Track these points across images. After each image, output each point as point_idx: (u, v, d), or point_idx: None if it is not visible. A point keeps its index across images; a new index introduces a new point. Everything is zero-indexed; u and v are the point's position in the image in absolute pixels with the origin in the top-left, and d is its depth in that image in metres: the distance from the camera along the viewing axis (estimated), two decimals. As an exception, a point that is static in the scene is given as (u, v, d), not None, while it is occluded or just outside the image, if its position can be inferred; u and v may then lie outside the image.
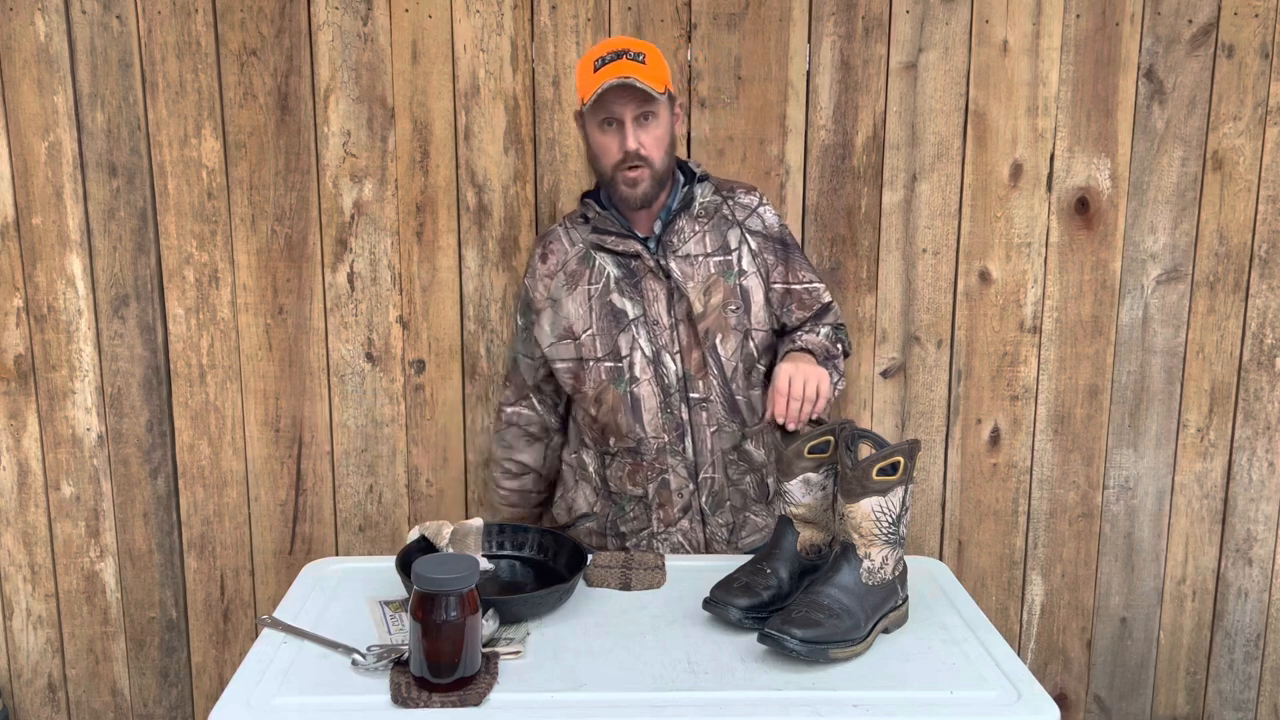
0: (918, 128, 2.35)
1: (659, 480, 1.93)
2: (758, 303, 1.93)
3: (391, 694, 1.37)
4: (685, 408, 1.91)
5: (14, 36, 2.27)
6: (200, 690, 2.55)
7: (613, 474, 1.98)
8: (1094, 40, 2.32)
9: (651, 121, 1.85)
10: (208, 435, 2.43)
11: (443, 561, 1.40)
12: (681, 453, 1.92)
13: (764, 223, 1.98)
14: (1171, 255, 2.41)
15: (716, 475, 1.94)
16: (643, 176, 1.86)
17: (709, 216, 1.94)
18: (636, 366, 1.91)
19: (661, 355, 1.91)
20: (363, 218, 2.36)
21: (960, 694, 1.40)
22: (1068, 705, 2.58)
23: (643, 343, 1.91)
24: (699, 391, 1.91)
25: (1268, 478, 2.49)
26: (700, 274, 1.91)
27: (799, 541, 1.63)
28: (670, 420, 1.91)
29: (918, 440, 1.56)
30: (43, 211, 2.34)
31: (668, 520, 1.95)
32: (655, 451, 1.92)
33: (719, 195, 1.97)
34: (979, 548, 2.52)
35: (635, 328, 1.91)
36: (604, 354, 1.92)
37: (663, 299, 1.90)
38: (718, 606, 1.56)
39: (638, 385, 1.91)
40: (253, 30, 2.28)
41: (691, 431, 1.92)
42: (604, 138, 1.87)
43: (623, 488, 1.97)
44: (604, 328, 1.92)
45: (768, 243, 1.97)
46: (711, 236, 1.93)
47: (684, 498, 1.94)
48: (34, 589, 2.50)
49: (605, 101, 1.82)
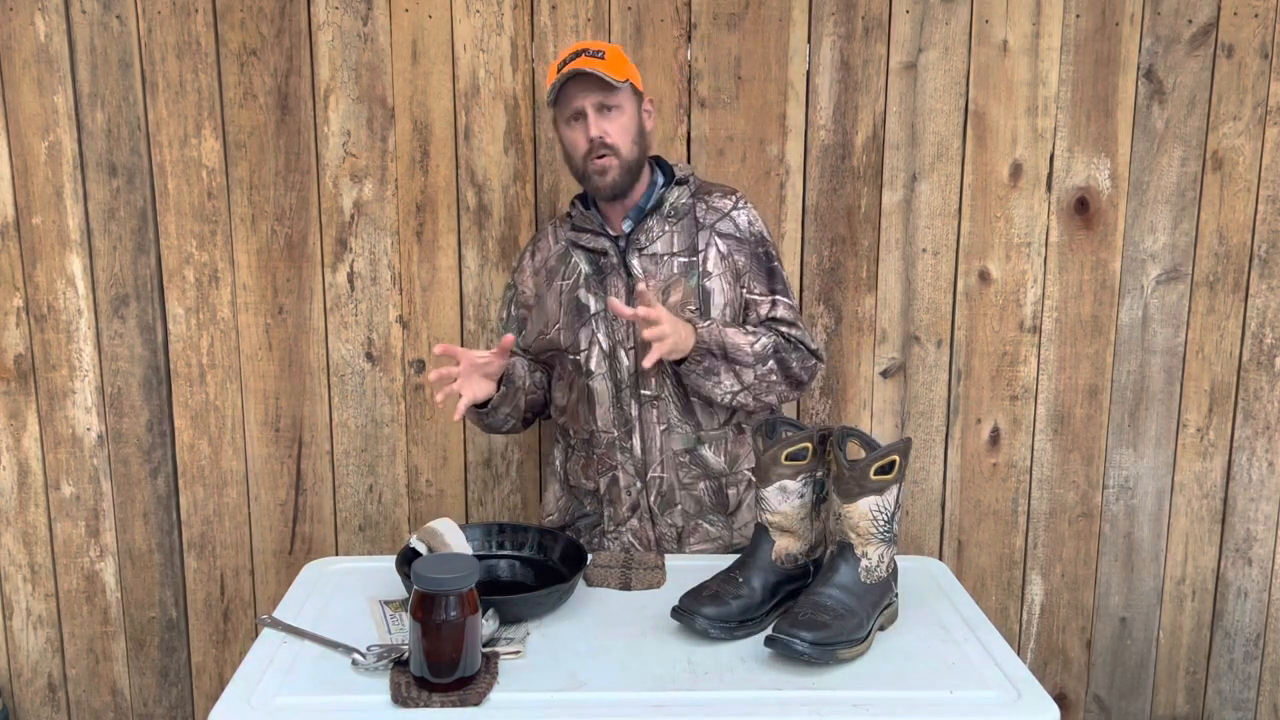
0: (917, 128, 2.35)
1: (609, 476, 1.96)
2: (719, 305, 1.93)
3: (391, 694, 1.37)
4: (635, 404, 1.93)
5: (14, 36, 2.27)
6: (200, 690, 2.55)
7: (571, 466, 2.02)
8: (1094, 40, 2.32)
9: (615, 112, 1.89)
10: (208, 435, 2.43)
11: (443, 561, 1.40)
12: (630, 450, 1.94)
13: (736, 225, 1.96)
14: (1171, 255, 2.41)
15: (666, 475, 1.94)
16: (610, 164, 1.89)
17: (679, 217, 1.96)
18: (593, 360, 1.94)
19: (617, 350, 1.93)
20: (363, 218, 2.36)
21: (960, 694, 1.40)
22: (1068, 705, 2.58)
23: (600, 337, 1.94)
24: (650, 389, 1.92)
25: (1267, 477, 2.49)
26: (662, 273, 1.93)
27: (774, 551, 1.59)
28: (620, 415, 1.93)
29: (909, 439, 1.56)
30: (43, 211, 2.34)
31: (617, 519, 1.97)
32: (605, 445, 1.95)
33: (695, 198, 1.98)
34: (979, 547, 2.52)
35: (595, 322, 1.95)
36: (568, 347, 1.97)
37: (623, 295, 1.93)
38: (685, 615, 1.53)
39: (593, 379, 1.94)
40: (253, 30, 2.28)
41: (640, 429, 1.93)
42: (571, 132, 1.91)
43: (579, 481, 2.01)
44: (568, 322, 1.96)
45: (740, 246, 1.96)
46: (680, 237, 1.95)
47: (632, 496, 1.95)
48: (34, 589, 2.50)
49: (568, 95, 1.88)
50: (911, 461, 2.47)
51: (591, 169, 1.90)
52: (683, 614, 1.54)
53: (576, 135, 1.91)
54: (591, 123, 1.87)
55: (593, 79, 1.85)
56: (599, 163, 1.89)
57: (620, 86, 1.87)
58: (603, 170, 1.89)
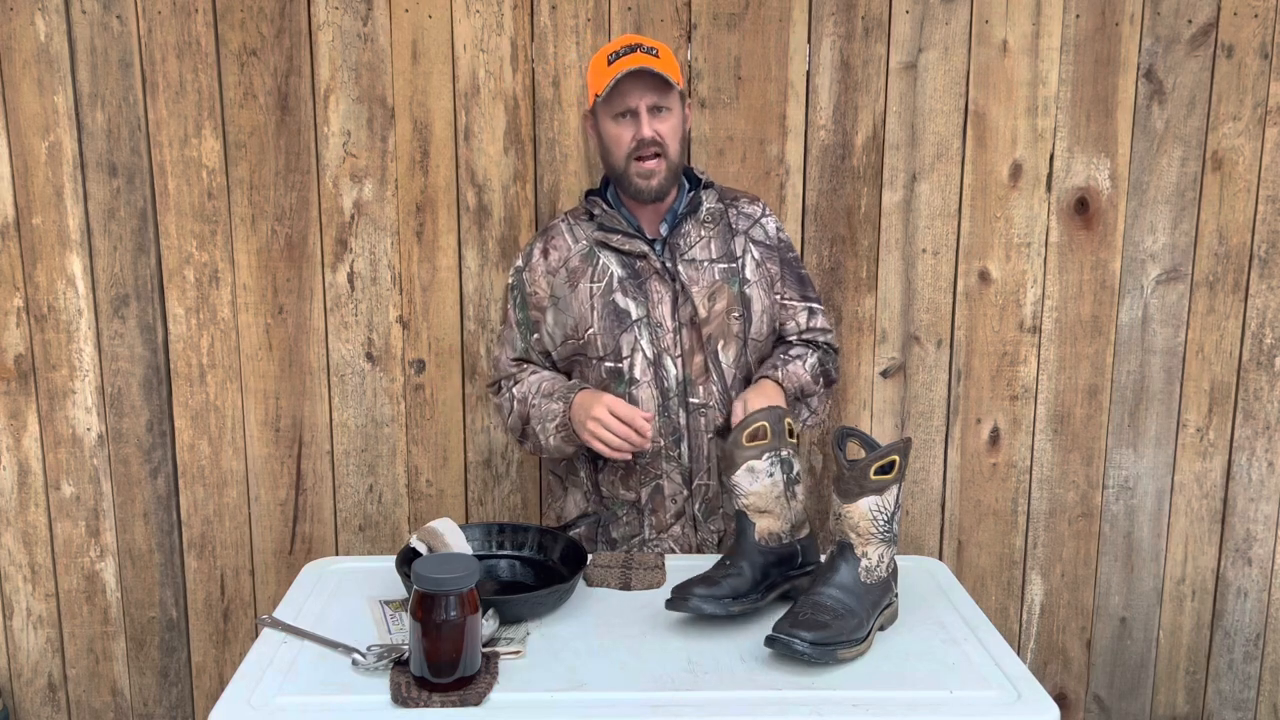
0: (917, 128, 2.35)
1: (653, 485, 1.92)
2: (758, 312, 1.93)
3: (391, 694, 1.37)
4: (684, 412, 1.91)
5: (14, 36, 2.27)
6: (200, 690, 2.55)
7: (605, 478, 1.96)
8: (1094, 40, 2.32)
9: (666, 113, 1.85)
10: (208, 435, 2.44)
11: (443, 561, 1.40)
12: (677, 458, 1.91)
13: (766, 233, 1.98)
14: (1171, 255, 2.41)
15: (711, 482, 1.93)
16: (659, 167, 1.85)
17: (715, 223, 1.94)
18: (637, 368, 1.90)
19: (663, 358, 1.90)
20: (363, 218, 2.36)
21: (960, 694, 1.40)
22: (1067, 705, 2.58)
23: (644, 344, 1.90)
24: (699, 397, 1.90)
25: (1267, 477, 2.50)
26: (705, 279, 1.91)
27: (757, 532, 1.61)
28: (668, 425, 1.90)
29: (909, 439, 1.57)
30: (43, 211, 2.34)
31: (660, 526, 1.94)
32: (650, 456, 1.91)
33: (723, 203, 1.97)
34: (979, 547, 2.52)
35: (638, 329, 1.90)
36: (606, 354, 1.91)
37: (668, 301, 1.90)
38: (679, 601, 1.53)
39: (637, 387, 1.90)
40: (253, 30, 2.28)
41: (689, 437, 1.91)
42: (618, 129, 1.86)
43: (615, 492, 1.95)
44: (606, 327, 1.91)
45: (771, 253, 1.97)
46: (717, 243, 1.93)
47: (678, 504, 1.93)
48: (34, 589, 2.50)
49: (621, 91, 1.82)
50: (911, 461, 2.47)
51: (636, 170, 1.86)
52: (677, 601, 1.54)
53: (623, 132, 1.85)
54: (645, 123, 1.83)
55: (651, 77, 1.81)
56: (648, 165, 1.85)
57: (676, 89, 1.84)
58: (649, 173, 1.85)
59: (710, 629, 1.57)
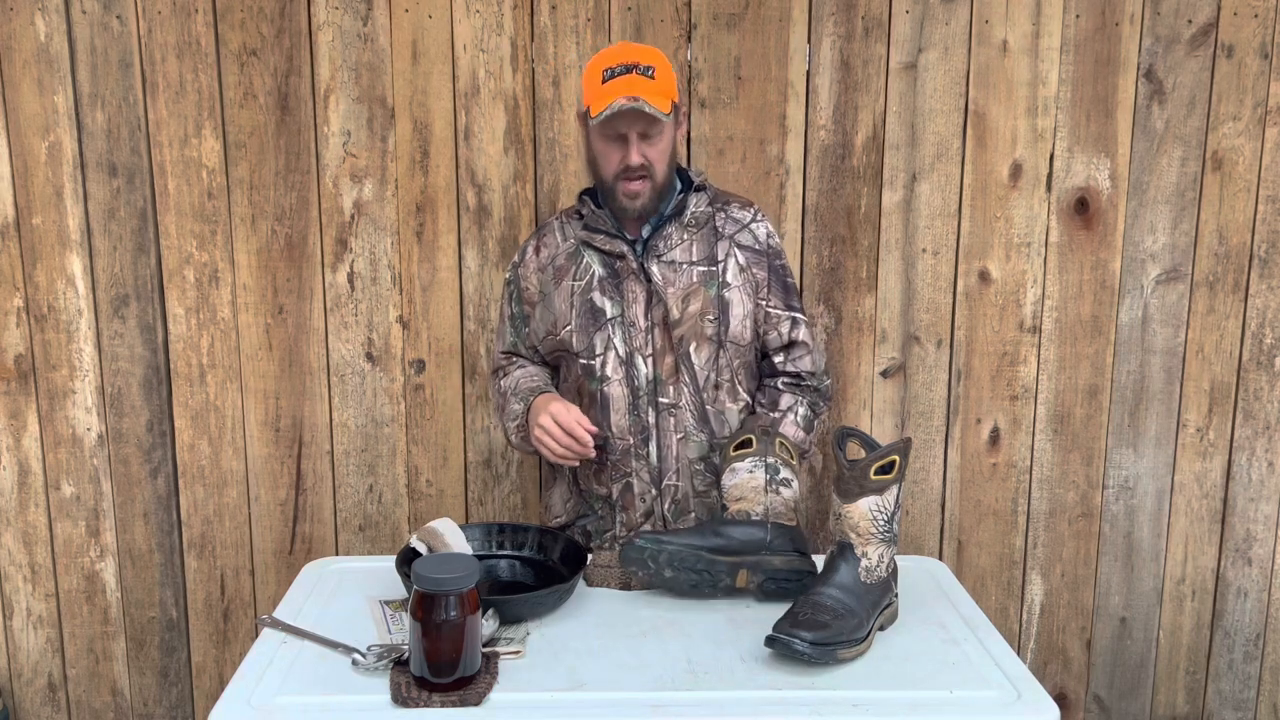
0: (917, 128, 2.35)
1: (623, 483, 1.94)
2: (737, 316, 1.93)
3: (391, 694, 1.37)
4: (653, 411, 1.92)
5: (14, 36, 2.27)
6: (200, 690, 2.55)
7: (581, 471, 1.99)
8: (1094, 40, 2.32)
9: (656, 138, 1.85)
10: (208, 435, 2.44)
11: (443, 561, 1.40)
12: (646, 457, 1.92)
13: (755, 238, 1.97)
14: (1171, 255, 2.41)
15: (681, 484, 1.94)
16: (644, 189, 1.87)
17: (699, 226, 1.94)
18: (609, 365, 1.92)
19: (634, 357, 1.92)
20: (363, 218, 2.36)
21: (960, 694, 1.40)
22: (1067, 705, 2.58)
23: (617, 342, 1.92)
24: (668, 397, 1.92)
25: (1267, 477, 2.50)
26: (682, 281, 1.92)
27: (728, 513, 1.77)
28: (637, 422, 1.92)
29: (909, 439, 1.57)
30: (43, 211, 2.34)
31: (630, 524, 1.95)
32: (620, 453, 1.93)
33: (713, 206, 1.97)
34: (979, 547, 2.52)
35: (611, 327, 1.92)
36: (580, 350, 1.94)
37: (641, 301, 1.91)
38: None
39: (608, 384, 1.92)
40: (253, 30, 2.28)
41: (657, 436, 1.92)
42: (606, 147, 1.87)
43: (590, 486, 1.98)
44: (581, 325, 1.94)
45: (759, 259, 1.96)
46: (699, 246, 1.94)
47: (646, 503, 1.94)
48: (34, 589, 2.50)
49: (612, 121, 1.83)
50: (911, 461, 2.47)
51: (622, 190, 1.87)
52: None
53: (612, 152, 1.87)
54: (633, 150, 1.84)
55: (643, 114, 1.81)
56: (632, 186, 1.86)
57: (667, 120, 1.83)
58: (634, 194, 1.87)
59: (710, 629, 1.57)
